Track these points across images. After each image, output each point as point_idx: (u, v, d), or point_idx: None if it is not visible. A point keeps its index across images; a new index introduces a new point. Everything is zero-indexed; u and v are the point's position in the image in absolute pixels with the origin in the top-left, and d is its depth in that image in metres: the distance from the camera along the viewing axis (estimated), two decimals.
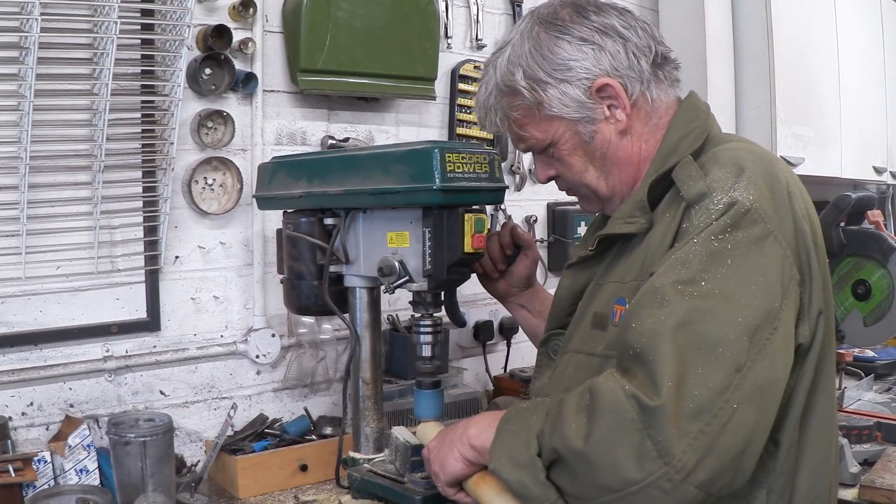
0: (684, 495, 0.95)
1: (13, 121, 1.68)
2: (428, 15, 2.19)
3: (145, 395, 1.90)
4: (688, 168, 1.13)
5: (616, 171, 1.26)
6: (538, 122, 1.25)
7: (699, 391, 0.95)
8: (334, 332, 2.12)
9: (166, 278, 1.93)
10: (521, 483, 1.07)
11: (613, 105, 1.23)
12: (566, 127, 1.24)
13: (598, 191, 1.29)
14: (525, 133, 1.28)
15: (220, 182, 1.98)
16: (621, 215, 1.22)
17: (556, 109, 1.22)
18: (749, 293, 1.00)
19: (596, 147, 1.25)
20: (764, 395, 0.98)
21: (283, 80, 2.09)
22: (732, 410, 0.95)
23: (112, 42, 1.67)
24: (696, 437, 0.94)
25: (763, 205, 1.05)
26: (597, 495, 1.00)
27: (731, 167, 1.09)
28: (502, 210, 2.51)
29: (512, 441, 1.10)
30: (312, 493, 1.75)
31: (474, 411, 2.18)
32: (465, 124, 2.44)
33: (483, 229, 1.44)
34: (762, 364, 0.98)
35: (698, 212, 1.07)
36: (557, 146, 1.26)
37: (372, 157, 1.51)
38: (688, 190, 1.10)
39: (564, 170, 1.29)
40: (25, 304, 1.75)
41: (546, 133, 1.26)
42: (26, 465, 1.56)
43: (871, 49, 3.64)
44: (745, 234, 1.03)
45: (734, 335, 0.97)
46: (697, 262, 1.03)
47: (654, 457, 0.95)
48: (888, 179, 3.74)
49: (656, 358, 0.98)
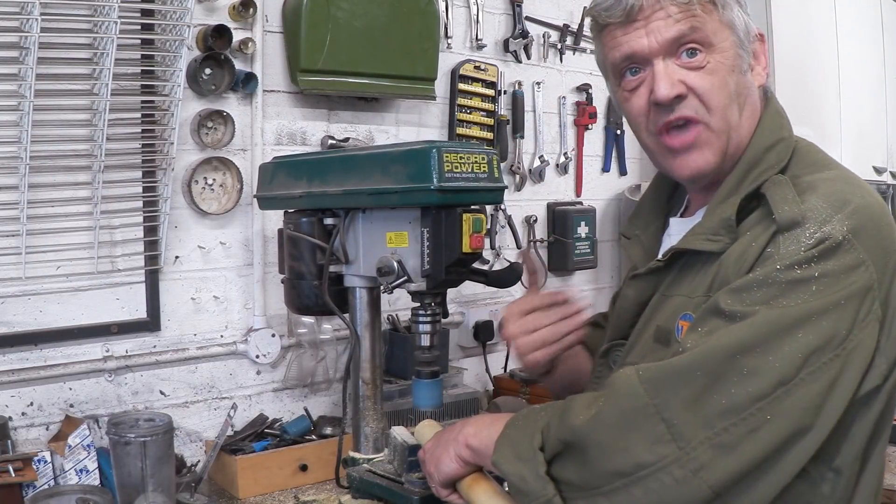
0: (696, 491, 0.93)
1: (13, 121, 1.68)
2: (428, 15, 2.19)
3: (145, 395, 1.90)
4: (783, 189, 1.06)
5: (746, 125, 1.15)
6: (713, 19, 1.12)
7: (736, 390, 0.93)
8: (334, 332, 2.13)
9: (166, 278, 1.93)
10: (519, 476, 1.06)
11: (760, 62, 1.17)
12: (734, 42, 1.13)
13: (732, 132, 1.13)
14: (698, 18, 1.11)
15: (220, 182, 1.98)
16: (703, 231, 1.12)
17: (737, 22, 1.13)
18: (821, 315, 0.95)
19: (747, 83, 1.15)
20: (805, 419, 0.94)
21: (283, 80, 2.09)
22: (765, 421, 0.92)
23: (112, 42, 1.67)
24: (718, 433, 0.93)
25: (859, 236, 0.99)
26: (607, 481, 0.98)
27: (830, 198, 1.02)
28: (502, 210, 2.51)
29: (517, 435, 1.10)
30: (312, 493, 1.75)
31: (474, 411, 2.18)
32: (465, 124, 2.44)
33: (482, 229, 1.44)
34: (812, 387, 0.94)
35: (787, 240, 1.00)
36: (720, 55, 1.12)
37: (371, 157, 1.51)
38: (781, 213, 1.02)
39: (716, 87, 1.11)
40: (25, 304, 1.76)
41: (716, 34, 1.12)
42: (26, 465, 1.56)
43: (871, 49, 3.63)
44: (836, 264, 0.97)
45: (789, 348, 0.94)
46: (776, 287, 0.98)
47: (668, 440, 0.94)
48: (888, 179, 3.73)
49: (699, 351, 0.96)
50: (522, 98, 2.57)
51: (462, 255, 1.42)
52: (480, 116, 2.48)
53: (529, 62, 2.61)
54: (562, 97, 2.71)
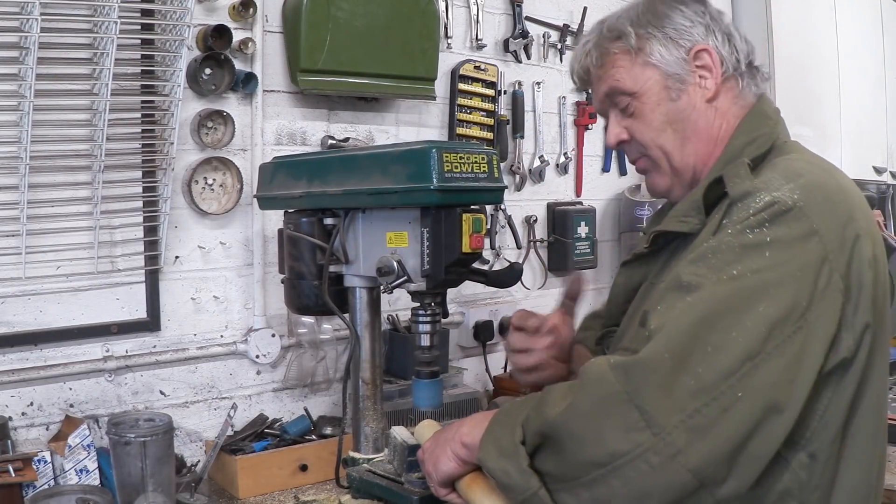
0: (675, 476, 0.93)
1: (13, 121, 1.68)
2: (428, 15, 2.19)
3: (145, 395, 1.90)
4: (738, 168, 1.12)
5: (694, 140, 1.24)
6: (632, 67, 1.25)
7: (703, 369, 0.94)
8: (334, 332, 2.13)
9: (166, 278, 1.93)
10: (504, 472, 1.06)
11: (705, 77, 1.24)
12: (657, 80, 1.24)
13: (672, 156, 1.25)
14: (616, 75, 1.26)
15: (220, 182, 1.98)
16: (676, 214, 1.20)
17: (654, 58, 1.23)
18: (778, 286, 0.97)
19: (680, 108, 1.24)
20: (776, 394, 0.94)
21: (283, 80, 2.09)
22: (736, 399, 0.93)
23: (112, 42, 1.67)
24: (691, 415, 0.93)
25: (809, 206, 1.02)
26: (584, 472, 0.98)
27: (785, 172, 1.08)
28: (502, 210, 2.52)
29: (499, 431, 1.10)
30: (312, 493, 1.75)
31: (474, 411, 2.17)
32: (465, 124, 2.44)
33: (481, 229, 1.44)
34: (779, 361, 0.95)
35: (739, 209, 1.06)
36: (641, 99, 1.24)
37: (370, 157, 1.51)
38: (733, 187, 1.09)
39: (643, 127, 1.26)
40: (25, 304, 1.76)
41: (636, 81, 1.24)
42: (26, 465, 1.56)
43: (871, 49, 3.63)
44: (787, 231, 1.00)
45: (751, 322, 0.95)
46: (730, 252, 1.01)
47: (642, 427, 0.93)
48: (888, 179, 3.74)
49: (664, 333, 0.98)
50: (522, 98, 2.57)
51: (462, 255, 1.42)
52: (480, 116, 2.48)
53: (529, 62, 2.62)
54: (562, 97, 2.71)
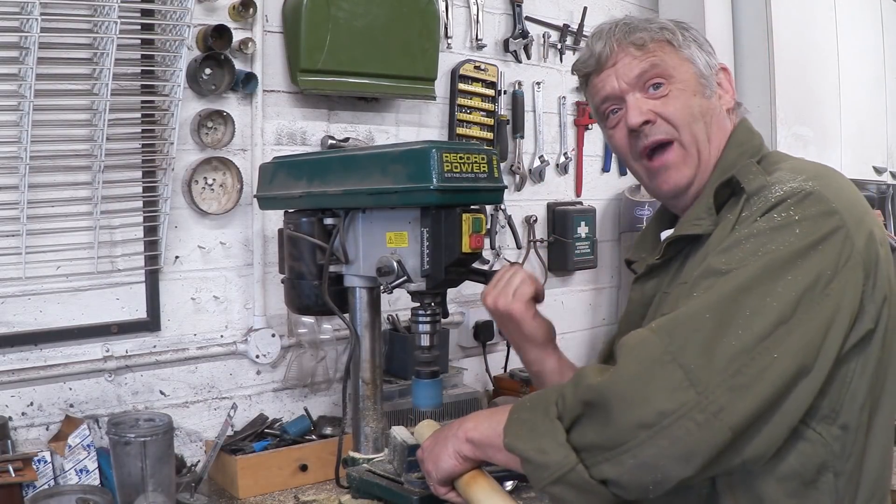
0: (718, 434, 0.95)
1: (13, 121, 1.68)
2: (428, 15, 2.19)
3: (145, 395, 1.90)
4: (749, 167, 1.17)
5: (714, 141, 1.28)
6: (675, 55, 1.29)
7: (743, 331, 0.97)
8: (334, 332, 2.13)
9: (166, 278, 1.93)
10: (538, 450, 1.05)
11: (722, 95, 1.31)
12: (693, 73, 1.29)
13: (699, 141, 1.27)
14: (661, 56, 1.28)
15: (220, 182, 1.98)
16: (688, 218, 1.24)
17: (694, 57, 1.29)
18: (805, 256, 1.02)
19: (711, 106, 1.29)
20: (806, 358, 0.99)
21: (283, 80, 2.09)
22: (772, 360, 0.96)
23: (112, 42, 1.67)
24: (732, 374, 0.96)
25: (825, 190, 1.07)
26: (632, 435, 0.98)
27: (792, 169, 1.13)
28: (502, 210, 2.52)
29: (528, 415, 1.10)
30: (312, 493, 1.75)
31: (474, 411, 2.18)
32: (465, 124, 2.44)
33: (481, 229, 1.44)
34: (809, 325, 0.99)
35: (758, 200, 1.10)
36: (679, 85, 1.28)
37: (370, 157, 1.51)
38: (749, 183, 1.13)
39: (677, 105, 1.27)
40: (25, 304, 1.76)
41: (676, 69, 1.28)
42: (26, 465, 1.56)
43: (871, 49, 3.63)
44: (813, 209, 1.04)
45: (783, 289, 1.00)
46: (763, 236, 1.04)
47: (686, 386, 0.96)
48: (888, 179, 3.73)
49: (704, 297, 1.01)
50: (522, 98, 2.57)
51: (462, 255, 1.42)
52: (480, 116, 2.48)
53: (529, 62, 2.62)
54: (562, 97, 2.71)
